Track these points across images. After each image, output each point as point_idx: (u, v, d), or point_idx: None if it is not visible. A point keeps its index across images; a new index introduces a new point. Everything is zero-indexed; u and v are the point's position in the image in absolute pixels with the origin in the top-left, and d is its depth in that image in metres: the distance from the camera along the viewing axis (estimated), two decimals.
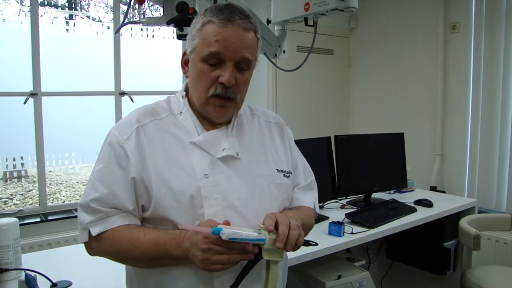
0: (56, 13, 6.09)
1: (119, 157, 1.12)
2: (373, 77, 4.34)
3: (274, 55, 2.29)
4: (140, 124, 1.16)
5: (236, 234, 0.98)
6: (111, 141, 1.15)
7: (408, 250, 2.91)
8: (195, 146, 1.15)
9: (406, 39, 3.98)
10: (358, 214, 2.41)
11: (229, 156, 1.16)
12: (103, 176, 1.12)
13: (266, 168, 1.22)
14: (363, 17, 4.34)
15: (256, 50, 1.18)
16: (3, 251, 1.58)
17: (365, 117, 4.44)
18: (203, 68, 1.12)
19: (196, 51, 1.14)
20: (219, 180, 1.13)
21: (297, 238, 1.05)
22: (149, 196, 1.10)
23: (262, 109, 1.38)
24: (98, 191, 1.11)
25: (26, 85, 3.23)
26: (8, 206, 5.98)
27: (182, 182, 1.10)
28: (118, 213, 1.11)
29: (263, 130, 1.31)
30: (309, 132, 2.80)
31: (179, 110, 1.21)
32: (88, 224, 1.10)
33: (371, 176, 2.78)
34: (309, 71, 3.91)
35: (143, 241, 1.08)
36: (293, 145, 1.38)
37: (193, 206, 1.09)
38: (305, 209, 1.31)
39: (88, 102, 3.71)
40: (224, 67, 1.11)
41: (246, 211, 1.13)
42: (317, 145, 2.59)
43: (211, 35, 1.10)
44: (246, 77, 1.17)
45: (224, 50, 1.10)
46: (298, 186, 1.34)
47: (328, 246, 2.02)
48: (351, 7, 1.89)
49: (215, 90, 1.12)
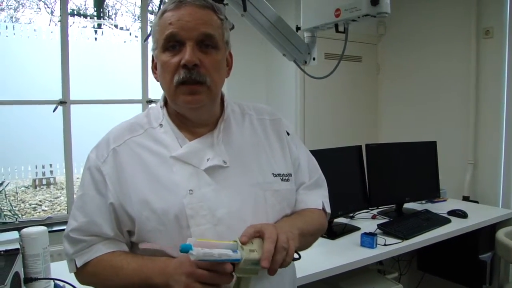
0: (85, 22, 6.19)
1: (97, 182, 1.06)
2: (402, 84, 4.24)
3: (304, 62, 2.26)
4: (116, 145, 1.08)
5: (207, 255, 0.86)
6: (90, 166, 1.09)
7: (441, 262, 2.82)
8: (177, 160, 1.05)
9: (436, 45, 3.88)
10: (391, 225, 2.33)
11: (216, 166, 1.06)
12: (82, 204, 1.07)
13: (260, 175, 1.11)
14: (392, 23, 4.26)
15: (220, 29, 1.07)
16: (32, 260, 1.57)
17: (394, 125, 4.34)
18: (164, 58, 1.04)
19: (157, 45, 1.07)
20: (205, 194, 1.03)
21: (282, 262, 0.93)
22: (132, 222, 1.03)
23: (256, 105, 1.26)
24: (77, 220, 1.06)
25: (56, 94, 3.27)
26: (37, 212, 6.07)
27: (164, 202, 1.01)
28: (100, 240, 1.06)
29: (256, 130, 1.18)
30: (337, 141, 2.75)
31: (158, 122, 1.11)
32: (73, 255, 1.06)
33: (403, 185, 2.70)
34: (337, 79, 3.83)
35: (126, 270, 1.01)
36: (294, 141, 1.24)
37: (179, 228, 1.00)
38: (309, 212, 1.19)
39: (115, 110, 3.74)
40: (184, 49, 1.01)
41: (239, 225, 0.99)
42: (347, 154, 2.53)
43: (166, 21, 1.04)
44: (214, 57, 1.05)
45: (179, 29, 1.01)
46: (303, 186, 1.22)
47: (360, 259, 1.96)
48: (383, 12, 1.84)
49: (179, 77, 1.01)
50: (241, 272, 0.91)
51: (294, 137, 1.26)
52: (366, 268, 2.22)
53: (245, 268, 0.91)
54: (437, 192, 2.87)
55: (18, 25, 5.27)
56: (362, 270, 2.13)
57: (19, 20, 6.81)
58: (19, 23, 6.17)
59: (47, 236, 1.63)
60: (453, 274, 2.77)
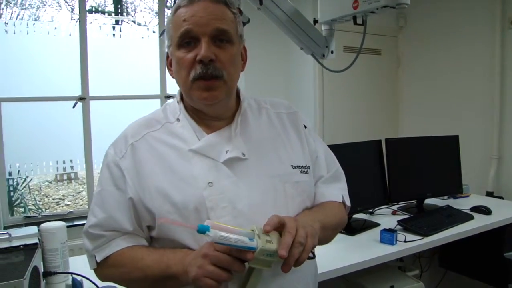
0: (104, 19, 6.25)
1: (116, 177, 1.07)
2: (423, 77, 4.15)
3: (321, 55, 2.22)
4: (134, 140, 1.09)
5: (224, 238, 0.86)
6: (108, 161, 1.10)
7: (464, 259, 2.75)
8: (195, 153, 1.05)
9: (459, 37, 3.78)
10: (411, 221, 2.29)
11: (235, 158, 1.06)
12: (101, 199, 1.08)
13: (279, 166, 1.10)
14: (412, 14, 4.18)
15: (234, 23, 1.07)
16: (51, 254, 1.59)
17: (415, 119, 4.26)
18: (180, 54, 1.04)
19: (171, 42, 1.07)
20: (225, 186, 1.03)
21: (298, 258, 0.91)
22: (152, 216, 1.03)
23: (272, 99, 1.25)
24: (96, 216, 1.07)
25: (76, 90, 3.30)
26: (61, 206, 6.19)
27: (184, 195, 1.01)
28: (120, 235, 1.06)
29: (274, 123, 1.18)
30: (357, 135, 2.70)
31: (175, 117, 1.12)
32: (93, 250, 1.07)
33: (424, 181, 2.64)
34: (356, 72, 3.78)
35: (146, 261, 1.01)
36: (311, 134, 1.24)
37: (199, 220, 0.98)
38: (330, 205, 1.18)
39: (134, 106, 3.76)
40: (200, 44, 1.01)
41: (259, 217, 0.97)
42: (367, 148, 2.49)
43: (180, 17, 1.03)
44: (229, 52, 1.04)
45: (194, 25, 1.01)
46: (322, 179, 1.21)
47: (380, 255, 1.92)
48: (403, 3, 1.79)
49: (195, 72, 1.02)
50: (254, 262, 0.90)
51: (311, 130, 1.26)
52: (386, 265, 2.18)
53: (259, 258, 0.89)
54: (460, 187, 2.80)
55: (39, 23, 5.35)
56: (382, 266, 2.10)
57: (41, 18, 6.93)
58: (41, 21, 6.27)
59: (65, 231, 1.65)
60: (477, 272, 2.70)
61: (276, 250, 0.90)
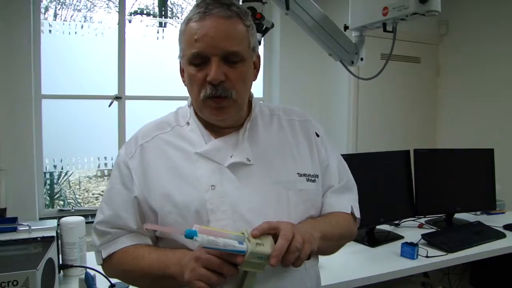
0: (150, 21, 6.43)
1: (124, 176, 1.10)
2: (464, 87, 4.00)
3: (350, 62, 2.19)
4: (144, 141, 1.12)
5: (211, 242, 0.86)
6: (119, 161, 1.14)
7: (497, 278, 2.62)
8: (201, 156, 1.07)
9: (501, 46, 3.62)
10: (436, 235, 2.21)
11: (239, 163, 1.07)
12: (109, 197, 1.12)
13: (284, 173, 1.10)
14: (454, 22, 4.04)
15: (246, 38, 1.06)
16: (69, 248, 1.65)
17: (454, 131, 4.11)
18: (191, 71, 1.04)
19: (183, 55, 1.07)
20: (227, 190, 1.04)
21: (293, 262, 0.92)
22: (155, 215, 1.05)
23: (285, 107, 1.25)
24: (103, 213, 1.11)
25: (112, 89, 3.41)
26: (99, 201, 6.39)
27: (186, 196, 1.03)
28: (125, 233, 1.09)
29: (284, 130, 1.18)
30: (392, 145, 2.65)
31: (185, 120, 1.15)
32: (99, 246, 1.11)
33: (453, 194, 2.54)
34: (393, 80, 3.72)
35: (147, 260, 1.04)
36: (323, 143, 1.22)
37: (199, 222, 0.99)
38: (336, 216, 1.16)
39: (169, 106, 3.81)
40: (210, 65, 1.01)
41: (260, 222, 0.97)
42: (394, 159, 2.42)
43: (191, 34, 1.02)
44: (240, 70, 1.04)
45: (205, 47, 1.01)
46: (332, 189, 1.19)
47: (398, 269, 1.86)
48: (433, 10, 1.75)
49: (205, 92, 1.03)
50: (246, 265, 0.90)
51: (324, 139, 1.24)
52: (409, 279, 2.12)
53: (250, 262, 0.90)
54: (493, 203, 2.68)
55: (86, 23, 5.55)
56: (404, 280, 2.04)
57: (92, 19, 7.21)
58: (92, 21, 6.52)
59: (83, 226, 1.70)
60: None
61: (268, 253, 0.90)
